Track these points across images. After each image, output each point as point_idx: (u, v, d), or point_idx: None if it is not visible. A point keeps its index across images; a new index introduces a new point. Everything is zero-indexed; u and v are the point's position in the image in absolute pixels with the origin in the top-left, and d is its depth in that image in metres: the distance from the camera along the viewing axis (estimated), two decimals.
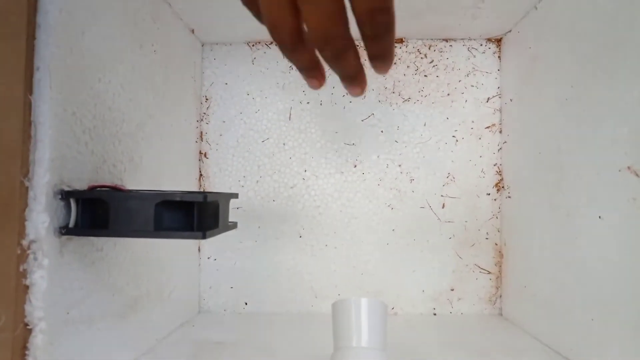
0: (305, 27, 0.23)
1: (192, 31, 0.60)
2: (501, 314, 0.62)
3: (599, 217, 0.40)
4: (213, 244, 0.63)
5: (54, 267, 0.31)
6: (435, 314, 0.62)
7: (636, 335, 0.35)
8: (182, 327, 0.56)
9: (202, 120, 0.64)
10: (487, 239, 0.63)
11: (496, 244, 0.63)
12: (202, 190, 0.64)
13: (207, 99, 0.64)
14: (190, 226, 0.33)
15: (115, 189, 0.36)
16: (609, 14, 0.39)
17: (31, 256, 0.30)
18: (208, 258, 0.63)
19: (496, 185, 0.63)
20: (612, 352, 0.38)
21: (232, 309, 0.63)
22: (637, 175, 0.35)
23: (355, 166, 0.63)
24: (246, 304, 0.63)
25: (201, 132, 0.64)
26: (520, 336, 0.53)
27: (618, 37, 0.38)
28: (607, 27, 0.40)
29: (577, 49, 0.44)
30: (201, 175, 0.64)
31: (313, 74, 0.27)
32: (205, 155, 0.64)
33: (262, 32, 0.28)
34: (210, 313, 0.63)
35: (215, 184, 0.64)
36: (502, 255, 0.62)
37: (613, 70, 0.39)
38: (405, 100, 0.64)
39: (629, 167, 0.36)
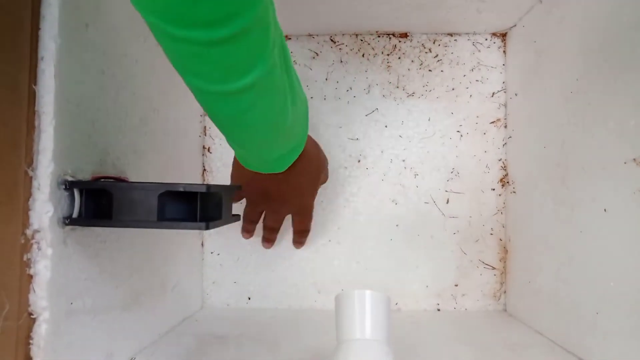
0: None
1: None
2: (505, 310, 0.61)
3: (604, 210, 0.40)
4: (216, 239, 0.63)
5: (57, 257, 0.31)
6: (439, 310, 0.62)
7: None
8: (186, 322, 0.56)
9: (205, 115, 0.64)
10: (491, 234, 0.62)
11: (501, 240, 0.62)
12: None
13: None
14: (194, 217, 0.33)
15: (119, 180, 0.36)
16: (614, 7, 0.39)
17: (35, 246, 0.30)
18: (211, 253, 0.63)
19: (501, 180, 0.62)
20: (617, 346, 0.38)
21: (236, 304, 0.63)
22: None
23: (359, 161, 0.63)
24: (249, 299, 0.63)
25: (205, 127, 0.64)
26: (525, 332, 0.53)
27: (623, 29, 0.38)
28: (612, 19, 0.39)
29: (582, 42, 0.44)
30: (205, 169, 0.64)
31: (248, 235, 0.56)
32: (208, 150, 0.64)
33: None
34: (213, 308, 0.63)
35: (218, 179, 0.64)
36: (507, 250, 0.62)
37: (618, 62, 0.38)
38: (410, 95, 0.63)
39: (634, 159, 0.36)
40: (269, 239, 0.55)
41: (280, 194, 0.48)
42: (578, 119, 0.44)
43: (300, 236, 0.55)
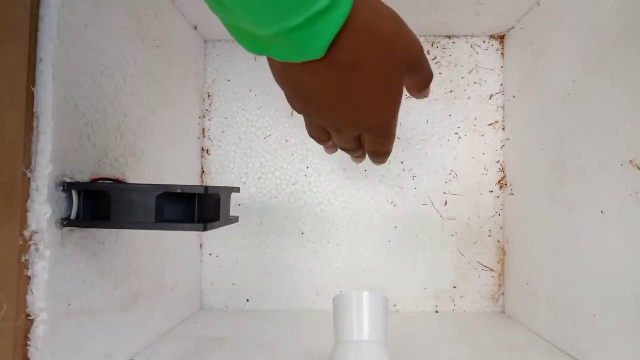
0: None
1: (195, 27, 0.61)
2: (503, 312, 0.61)
3: (601, 212, 0.40)
4: (214, 241, 0.63)
5: (55, 259, 0.31)
6: (437, 312, 0.62)
7: (638, 330, 0.35)
8: (184, 323, 0.56)
9: (204, 116, 0.64)
10: (489, 236, 0.62)
11: (499, 241, 0.62)
12: None
13: (209, 96, 0.65)
14: (191, 218, 0.33)
15: (117, 182, 0.36)
16: (611, 9, 0.39)
17: (33, 247, 0.30)
18: (210, 254, 0.63)
19: (499, 182, 0.63)
20: (614, 347, 0.38)
21: (234, 306, 0.63)
22: (639, 169, 0.35)
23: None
24: (247, 300, 0.63)
25: (203, 129, 0.64)
26: (523, 333, 0.53)
27: (620, 31, 0.38)
28: (609, 21, 0.39)
29: (579, 44, 0.44)
30: (203, 171, 0.64)
31: (330, 151, 0.42)
32: (207, 152, 0.64)
33: None
34: (211, 309, 0.63)
35: (217, 181, 0.64)
36: (505, 252, 0.62)
37: (615, 64, 0.39)
38: (408, 96, 0.63)
39: (631, 161, 0.36)
40: (354, 157, 0.40)
41: (331, 102, 0.29)
42: (575, 121, 0.45)
43: (376, 157, 0.38)
